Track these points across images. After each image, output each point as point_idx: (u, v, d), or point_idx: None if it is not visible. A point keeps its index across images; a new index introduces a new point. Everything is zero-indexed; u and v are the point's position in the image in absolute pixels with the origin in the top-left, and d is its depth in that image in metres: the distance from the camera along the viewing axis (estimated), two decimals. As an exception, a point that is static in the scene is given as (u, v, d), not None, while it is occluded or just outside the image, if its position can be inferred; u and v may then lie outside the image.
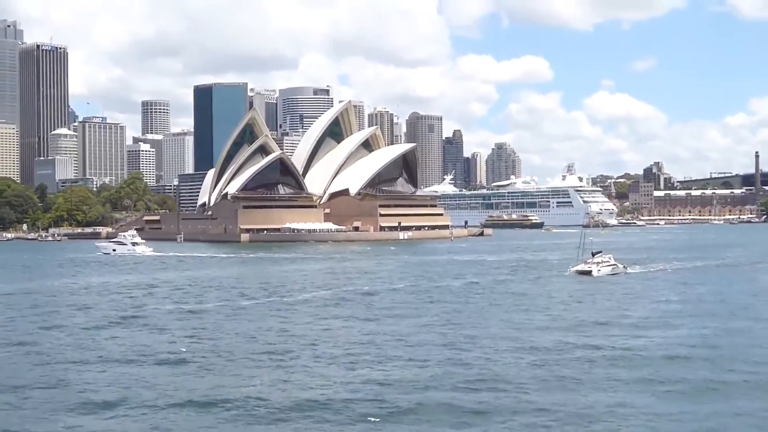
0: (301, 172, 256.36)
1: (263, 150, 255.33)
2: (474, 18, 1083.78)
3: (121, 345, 51.84)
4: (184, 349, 49.64)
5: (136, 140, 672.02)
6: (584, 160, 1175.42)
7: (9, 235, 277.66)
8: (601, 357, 45.72)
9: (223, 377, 42.07)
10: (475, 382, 39.70)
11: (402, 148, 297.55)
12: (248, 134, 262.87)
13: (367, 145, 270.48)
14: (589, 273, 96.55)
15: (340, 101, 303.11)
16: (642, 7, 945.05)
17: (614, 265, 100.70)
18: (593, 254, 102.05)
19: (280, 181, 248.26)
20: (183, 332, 57.26)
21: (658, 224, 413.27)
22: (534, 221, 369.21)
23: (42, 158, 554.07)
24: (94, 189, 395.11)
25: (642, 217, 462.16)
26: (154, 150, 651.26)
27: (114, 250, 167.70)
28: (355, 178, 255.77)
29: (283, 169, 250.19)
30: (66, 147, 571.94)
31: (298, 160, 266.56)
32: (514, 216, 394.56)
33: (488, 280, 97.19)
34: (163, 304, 74.86)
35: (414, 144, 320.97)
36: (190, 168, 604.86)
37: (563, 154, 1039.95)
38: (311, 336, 54.14)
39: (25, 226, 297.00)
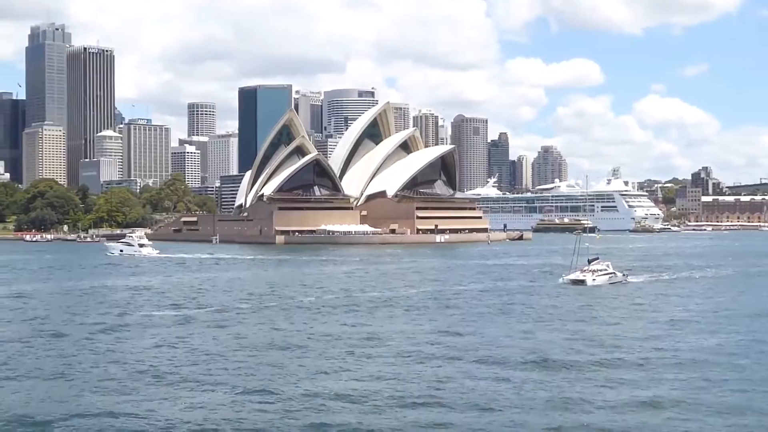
0: (338, 174, 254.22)
1: (300, 151, 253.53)
2: (522, 22, 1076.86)
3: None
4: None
5: (181, 142, 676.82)
6: (633, 165, 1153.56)
7: (49, 236, 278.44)
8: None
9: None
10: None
11: (440, 150, 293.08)
12: (285, 135, 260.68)
13: (406, 147, 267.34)
14: (582, 282, 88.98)
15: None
16: (693, 11, 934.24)
17: (612, 273, 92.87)
18: (589, 261, 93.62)
19: (316, 183, 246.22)
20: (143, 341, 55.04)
21: (705, 230, 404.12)
22: (587, 225, 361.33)
23: (87, 160, 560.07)
24: (138, 190, 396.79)
25: (689, 223, 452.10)
26: (199, 152, 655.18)
27: (121, 251, 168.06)
28: (392, 180, 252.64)
29: (320, 171, 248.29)
30: (111, 149, 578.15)
31: (335, 162, 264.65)
32: (566, 220, 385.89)
33: (489, 287, 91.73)
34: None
35: (453, 146, 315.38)
36: (234, 170, 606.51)
37: (612, 158, 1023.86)
38: (265, 345, 51.39)
39: (65, 227, 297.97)
